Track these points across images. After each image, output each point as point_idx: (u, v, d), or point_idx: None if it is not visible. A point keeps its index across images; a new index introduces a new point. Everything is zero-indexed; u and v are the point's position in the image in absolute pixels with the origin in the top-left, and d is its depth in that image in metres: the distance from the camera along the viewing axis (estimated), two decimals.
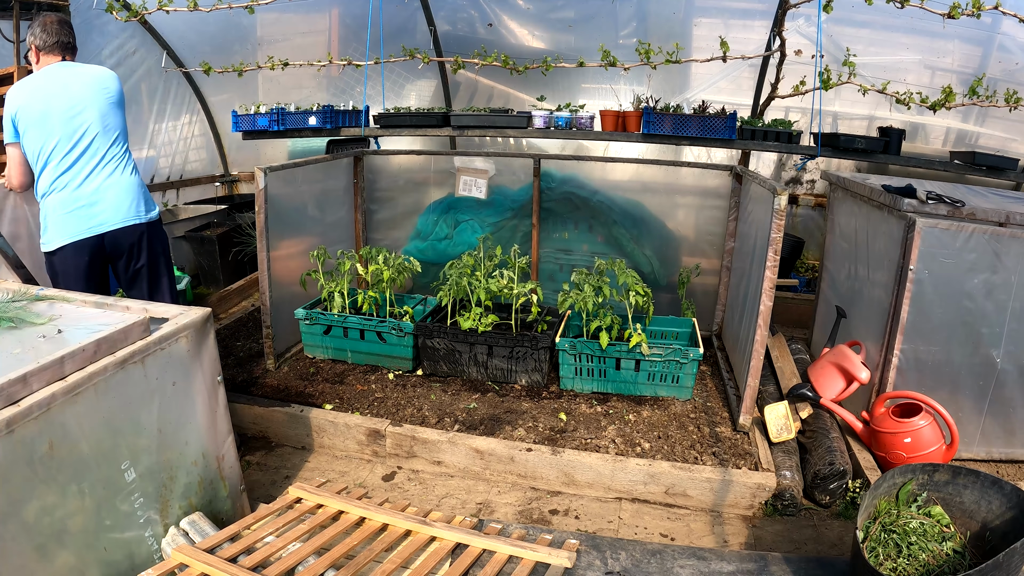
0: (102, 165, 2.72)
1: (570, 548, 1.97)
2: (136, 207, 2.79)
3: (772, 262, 2.63)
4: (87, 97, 2.69)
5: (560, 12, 4.71)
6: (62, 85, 2.67)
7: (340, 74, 5.54)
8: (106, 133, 2.72)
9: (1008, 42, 4.02)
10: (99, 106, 2.70)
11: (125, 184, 2.77)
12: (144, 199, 2.85)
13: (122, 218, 2.75)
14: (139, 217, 2.80)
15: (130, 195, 2.78)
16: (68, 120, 2.64)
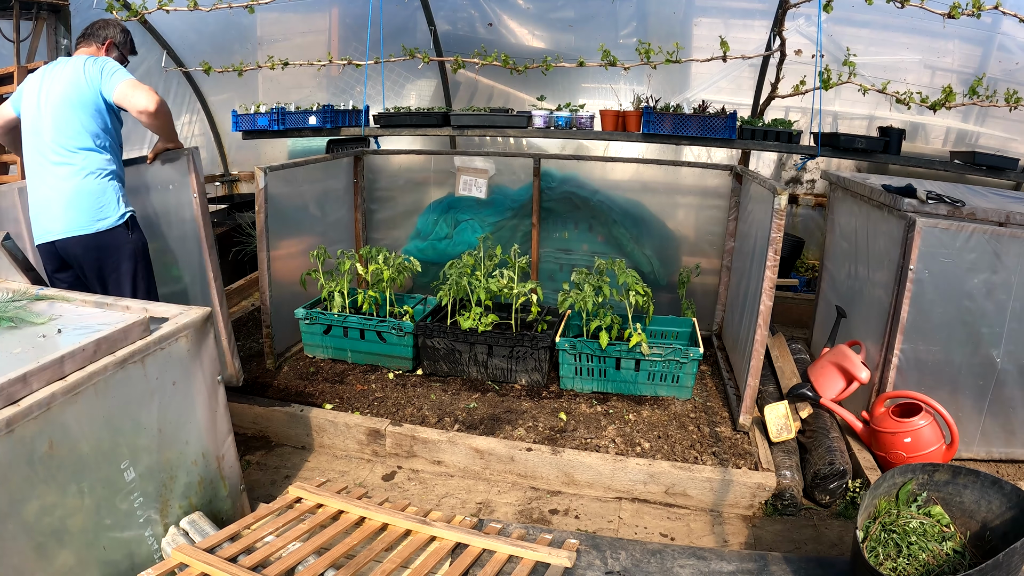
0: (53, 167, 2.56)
1: (570, 548, 1.97)
2: (84, 216, 2.55)
3: (772, 262, 2.63)
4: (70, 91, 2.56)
5: (560, 12, 4.71)
6: (60, 75, 2.58)
7: (340, 74, 5.53)
8: (58, 133, 2.54)
9: (1008, 42, 4.01)
10: (57, 103, 2.55)
11: (73, 190, 2.55)
12: (99, 206, 2.58)
13: (66, 228, 2.56)
14: (86, 227, 2.56)
15: (76, 203, 2.55)
16: (48, 112, 2.55)
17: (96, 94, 2.56)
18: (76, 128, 2.55)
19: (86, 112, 2.56)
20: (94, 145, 2.59)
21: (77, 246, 2.58)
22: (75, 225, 2.55)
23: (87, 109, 2.56)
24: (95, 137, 2.59)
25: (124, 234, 2.64)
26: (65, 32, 4.37)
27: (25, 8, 4.16)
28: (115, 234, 2.61)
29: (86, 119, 2.57)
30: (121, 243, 2.63)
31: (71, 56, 2.68)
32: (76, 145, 2.56)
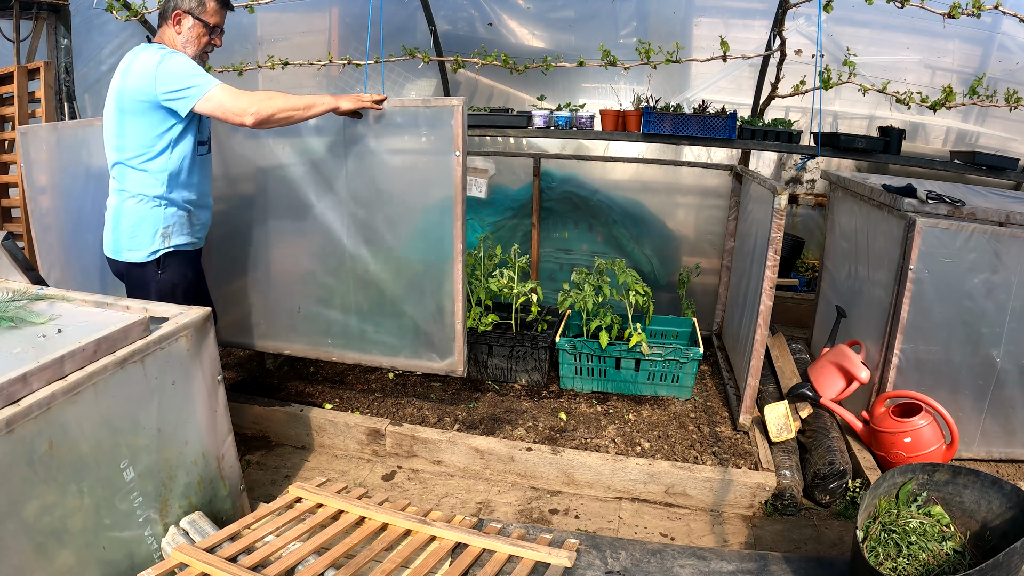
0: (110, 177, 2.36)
1: (570, 548, 1.97)
2: (118, 240, 2.34)
3: (772, 261, 2.63)
4: (115, 93, 2.25)
5: (560, 11, 4.71)
6: (118, 71, 2.27)
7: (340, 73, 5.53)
8: (107, 140, 2.32)
9: (1008, 42, 4.01)
10: (116, 108, 2.25)
11: (114, 209, 2.35)
12: (131, 235, 2.31)
13: (106, 244, 2.40)
14: (118, 253, 2.36)
15: (114, 223, 2.35)
16: (104, 116, 2.32)
17: (144, 102, 2.19)
18: (119, 140, 2.26)
19: (131, 120, 2.22)
20: (133, 163, 2.25)
21: (113, 266, 2.43)
22: (111, 246, 2.37)
23: (133, 116, 2.21)
24: (137, 153, 2.23)
25: (152, 272, 2.34)
26: (65, 32, 4.37)
27: (25, 8, 4.16)
28: (143, 270, 2.34)
29: (128, 129, 2.23)
30: (148, 280, 2.35)
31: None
32: (122, 157, 2.27)
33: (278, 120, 2.25)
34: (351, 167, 2.63)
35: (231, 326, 3.05)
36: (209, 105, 2.17)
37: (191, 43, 2.31)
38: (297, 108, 2.25)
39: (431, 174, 2.53)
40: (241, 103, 2.16)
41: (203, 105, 2.16)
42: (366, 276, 2.75)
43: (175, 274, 2.38)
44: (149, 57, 2.17)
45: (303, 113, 2.28)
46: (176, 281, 2.39)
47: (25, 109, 3.57)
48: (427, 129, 2.49)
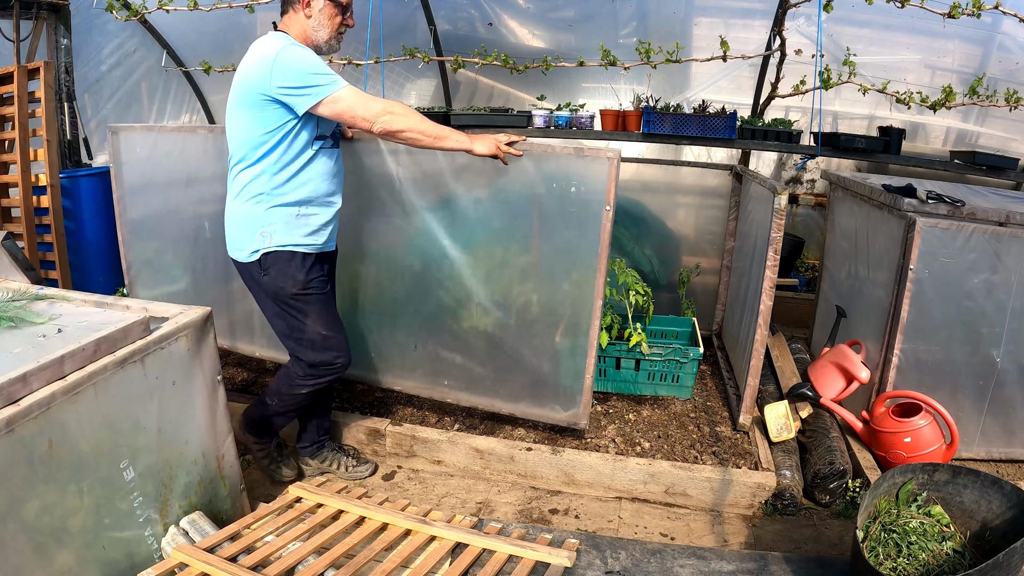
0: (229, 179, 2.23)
1: (570, 547, 1.97)
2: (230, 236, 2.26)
3: (772, 261, 2.63)
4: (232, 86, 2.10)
5: (560, 11, 4.71)
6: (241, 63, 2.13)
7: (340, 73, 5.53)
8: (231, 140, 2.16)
9: (1008, 42, 4.01)
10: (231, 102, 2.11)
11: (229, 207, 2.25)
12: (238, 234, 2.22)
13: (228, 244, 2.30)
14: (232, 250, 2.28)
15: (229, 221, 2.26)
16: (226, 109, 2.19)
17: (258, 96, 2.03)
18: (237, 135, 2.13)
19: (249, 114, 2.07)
20: (252, 159, 2.12)
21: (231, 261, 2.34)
22: (228, 242, 2.29)
23: (250, 110, 2.06)
24: (255, 148, 2.11)
25: (257, 272, 2.23)
26: (65, 32, 4.37)
27: (25, 8, 4.16)
28: (249, 269, 2.25)
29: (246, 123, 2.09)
30: (257, 280, 2.26)
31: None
32: (235, 155, 2.16)
33: (403, 138, 2.14)
34: (486, 208, 2.55)
35: None
36: (337, 107, 2.03)
37: (323, 27, 2.15)
38: (426, 134, 2.14)
39: (575, 225, 2.45)
40: (374, 108, 2.05)
41: (328, 106, 2.02)
42: (492, 321, 2.70)
43: (280, 276, 2.21)
44: (269, 46, 2.02)
45: (431, 142, 2.16)
46: (282, 284, 2.21)
47: (25, 109, 3.57)
48: (577, 179, 2.40)
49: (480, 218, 2.60)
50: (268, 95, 2.01)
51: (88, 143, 4.72)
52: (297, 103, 2.02)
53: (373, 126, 2.07)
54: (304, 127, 2.11)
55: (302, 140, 2.12)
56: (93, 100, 4.97)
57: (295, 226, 2.20)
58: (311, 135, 2.14)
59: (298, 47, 2.03)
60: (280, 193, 2.15)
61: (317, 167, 2.20)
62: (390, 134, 2.12)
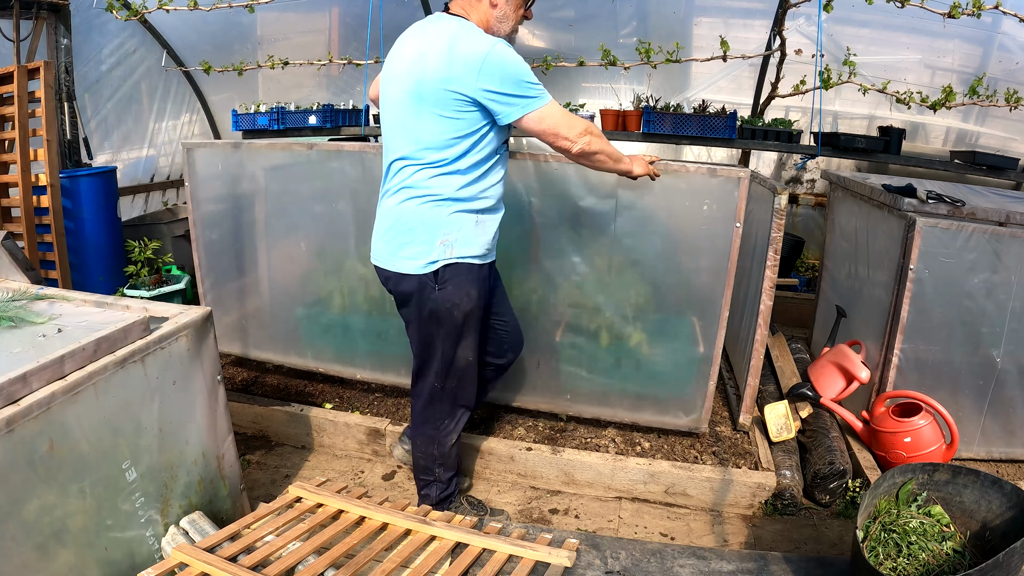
0: (388, 178, 2.02)
1: (570, 547, 1.97)
2: (390, 245, 2.03)
3: (772, 261, 2.63)
4: (412, 76, 1.88)
5: (560, 11, 4.71)
6: (411, 48, 1.93)
7: (340, 73, 5.53)
8: (396, 129, 1.95)
9: (1008, 42, 4.01)
10: (412, 95, 1.88)
11: (391, 211, 2.01)
12: (407, 241, 1.98)
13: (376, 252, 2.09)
14: (388, 260, 2.04)
15: (389, 227, 2.02)
16: (390, 102, 1.97)
17: (456, 96, 1.83)
18: (416, 130, 1.90)
19: (438, 111, 1.86)
20: (433, 159, 1.90)
21: (381, 276, 2.11)
22: (382, 252, 2.05)
23: (441, 108, 1.85)
24: (441, 148, 1.89)
25: (428, 287, 1.99)
26: (65, 32, 4.37)
27: (25, 7, 4.16)
28: (417, 282, 1.99)
29: (434, 120, 1.87)
30: (422, 296, 2.01)
31: (436, 14, 1.99)
32: (407, 152, 1.93)
33: (594, 160, 2.01)
34: (620, 223, 2.57)
35: None
36: (543, 124, 1.86)
37: (508, 19, 1.95)
38: (611, 156, 2.02)
39: (706, 241, 2.51)
40: (577, 128, 1.90)
41: (534, 122, 1.86)
42: (620, 334, 2.73)
43: (457, 291, 1.99)
44: (472, 42, 1.80)
45: (612, 164, 2.05)
46: (457, 300, 2.00)
47: (25, 109, 3.56)
48: (709, 198, 2.46)
49: (613, 233, 2.61)
50: (467, 96, 1.81)
51: (88, 143, 4.72)
52: (502, 111, 1.84)
53: (573, 147, 1.91)
54: (496, 131, 1.94)
55: (492, 144, 1.94)
56: (93, 100, 4.97)
57: (475, 234, 2.00)
58: (500, 139, 1.98)
59: (509, 49, 1.83)
60: (465, 198, 1.95)
61: (498, 172, 2.03)
62: (585, 155, 1.96)
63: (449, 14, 1.94)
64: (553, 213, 2.65)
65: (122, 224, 4.47)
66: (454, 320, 2.03)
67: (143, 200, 5.64)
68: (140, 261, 4.12)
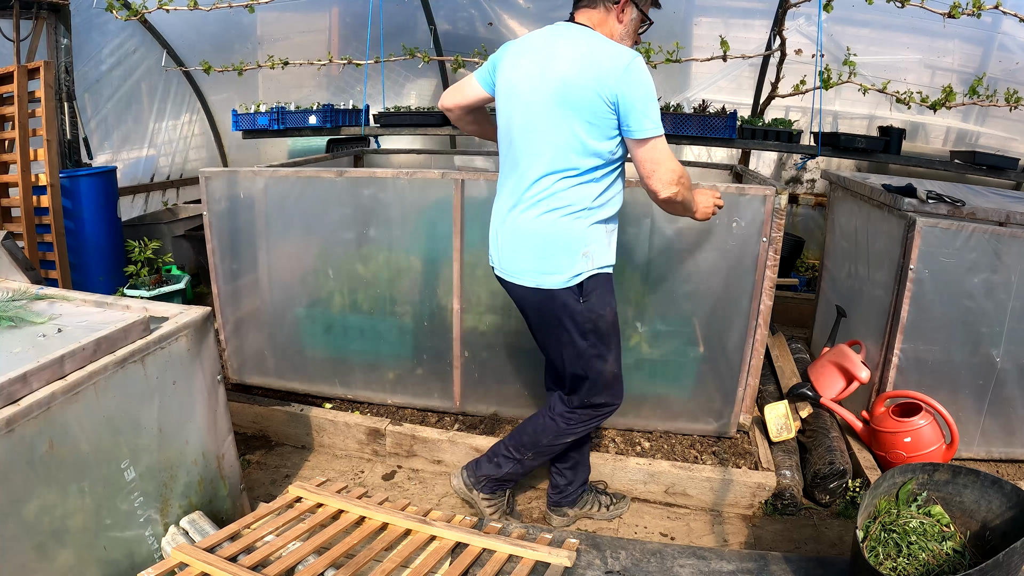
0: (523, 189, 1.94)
1: (570, 547, 1.97)
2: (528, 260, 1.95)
3: (772, 261, 2.63)
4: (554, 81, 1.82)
5: (560, 11, 4.70)
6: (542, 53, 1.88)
7: (340, 73, 5.54)
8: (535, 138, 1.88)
9: (1008, 41, 4.02)
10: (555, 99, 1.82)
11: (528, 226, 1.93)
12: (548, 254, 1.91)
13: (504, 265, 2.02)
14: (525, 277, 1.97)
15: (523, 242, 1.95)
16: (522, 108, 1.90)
17: (600, 103, 1.78)
18: (557, 140, 1.84)
19: (581, 120, 1.81)
20: (575, 170, 1.85)
21: (516, 293, 2.05)
22: (518, 268, 1.97)
23: (583, 116, 1.80)
24: (583, 157, 1.84)
25: (573, 300, 1.94)
26: (65, 32, 4.38)
27: (25, 7, 4.16)
28: (560, 296, 1.94)
29: (577, 129, 1.82)
30: (568, 309, 1.96)
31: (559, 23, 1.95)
32: (548, 163, 1.86)
33: (671, 209, 1.96)
34: (656, 241, 2.64)
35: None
36: (654, 152, 1.81)
37: (628, 37, 1.96)
38: (687, 207, 1.97)
39: (735, 256, 2.58)
40: (677, 169, 1.85)
41: (648, 148, 1.80)
42: (653, 349, 2.80)
43: (600, 302, 1.98)
44: (614, 48, 1.80)
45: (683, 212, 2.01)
46: (601, 311, 1.98)
47: (25, 109, 3.57)
48: (738, 216, 2.52)
49: (648, 251, 2.66)
50: (609, 100, 1.78)
51: (88, 143, 4.72)
52: (631, 123, 1.80)
53: (663, 192, 1.85)
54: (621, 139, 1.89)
55: (620, 151, 1.91)
56: (93, 100, 4.97)
57: (607, 243, 1.98)
58: (624, 148, 1.93)
59: (643, 63, 1.80)
60: (600, 207, 1.91)
61: (621, 181, 2.00)
62: (668, 202, 1.91)
63: (576, 24, 1.93)
64: None
65: (122, 224, 4.48)
66: (597, 331, 2.00)
67: (143, 200, 5.64)
68: (140, 261, 4.12)
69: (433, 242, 2.84)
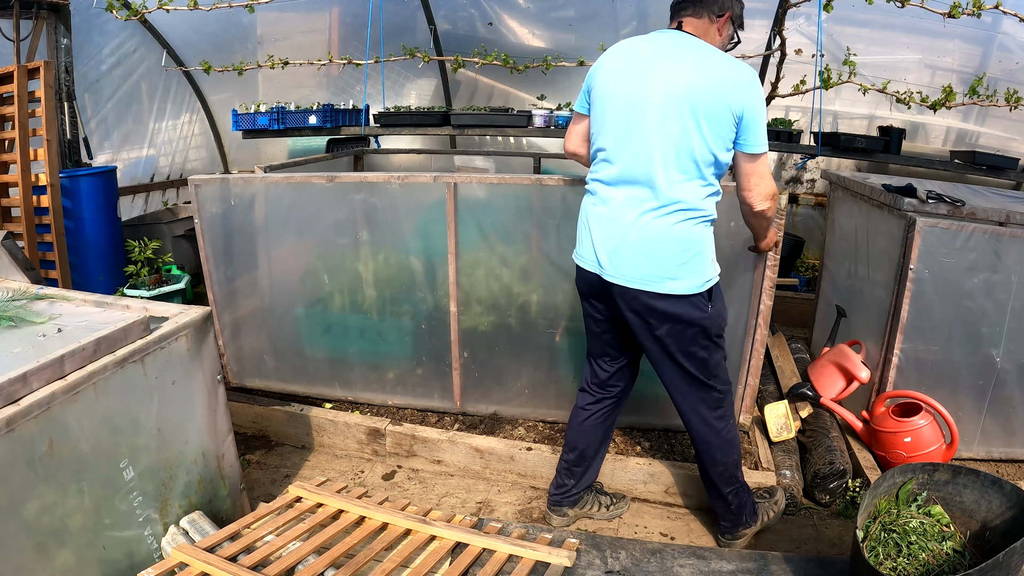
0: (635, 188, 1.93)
1: (570, 547, 1.97)
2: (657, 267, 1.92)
3: (772, 261, 2.63)
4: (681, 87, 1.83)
5: (560, 11, 4.72)
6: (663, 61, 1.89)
7: (340, 73, 5.54)
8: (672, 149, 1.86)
9: (1008, 41, 4.01)
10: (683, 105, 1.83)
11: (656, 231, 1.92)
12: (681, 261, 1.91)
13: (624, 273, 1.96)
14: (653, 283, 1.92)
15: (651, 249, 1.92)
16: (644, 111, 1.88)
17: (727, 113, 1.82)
18: (689, 145, 1.84)
19: (709, 128, 1.82)
20: (703, 176, 1.88)
21: (634, 300, 1.96)
22: (638, 273, 1.92)
23: (711, 124, 1.82)
24: (708, 166, 1.87)
25: (702, 305, 1.96)
26: (65, 31, 4.38)
27: (25, 7, 4.16)
28: (691, 303, 1.93)
29: (706, 137, 1.83)
30: (694, 316, 1.95)
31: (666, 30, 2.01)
32: (680, 168, 1.86)
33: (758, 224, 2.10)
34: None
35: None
36: (758, 167, 1.90)
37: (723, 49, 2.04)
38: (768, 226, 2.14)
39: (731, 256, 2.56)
40: (773, 189, 1.95)
41: (754, 161, 1.89)
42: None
43: (722, 306, 2.03)
44: (734, 62, 1.87)
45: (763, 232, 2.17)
46: (724, 315, 2.04)
47: (25, 109, 3.57)
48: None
49: None
50: (734, 110, 1.82)
51: (88, 143, 4.72)
52: (746, 137, 1.87)
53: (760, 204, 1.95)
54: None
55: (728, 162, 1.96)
56: (93, 100, 4.97)
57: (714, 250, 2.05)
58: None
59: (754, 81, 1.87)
60: (713, 215, 1.99)
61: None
62: (761, 216, 2.01)
63: (684, 32, 1.97)
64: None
65: (122, 224, 4.48)
66: (719, 335, 2.05)
67: (143, 200, 5.64)
68: (140, 261, 4.12)
69: (428, 244, 2.84)
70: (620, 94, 1.93)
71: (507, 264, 2.81)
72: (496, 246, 2.79)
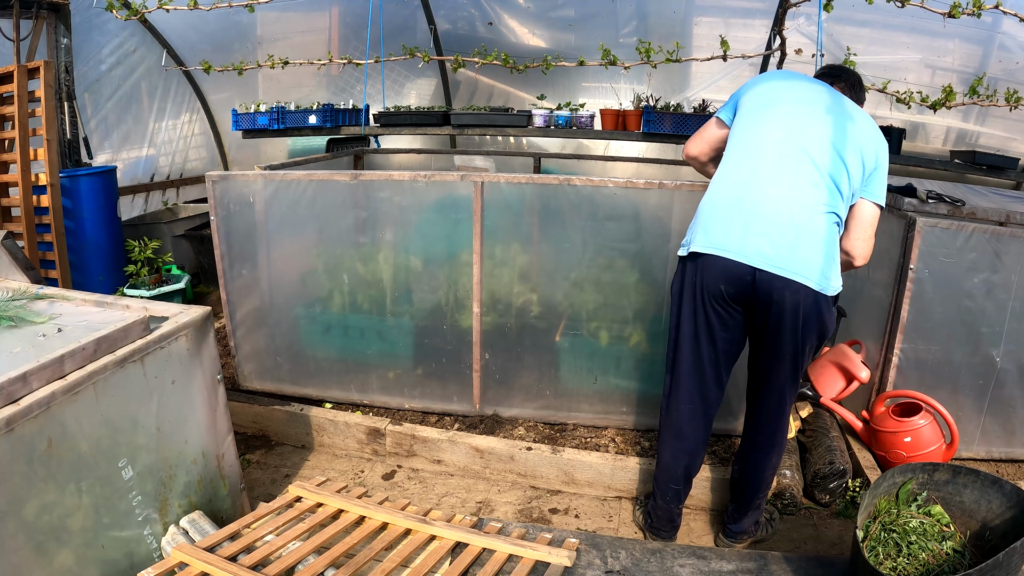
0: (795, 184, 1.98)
1: (570, 547, 1.97)
2: (817, 265, 1.94)
3: None
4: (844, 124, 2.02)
5: (560, 11, 4.72)
6: (826, 96, 2.11)
7: (340, 73, 5.54)
8: (828, 151, 1.98)
9: (1008, 41, 4.01)
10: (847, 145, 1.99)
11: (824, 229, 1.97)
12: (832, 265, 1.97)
13: (790, 264, 1.92)
14: (811, 278, 1.92)
15: (818, 245, 1.95)
16: (806, 111, 2.06)
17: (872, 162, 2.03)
18: (844, 169, 1.99)
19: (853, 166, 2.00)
20: (843, 199, 2.00)
21: (787, 292, 1.92)
22: (800, 266, 1.91)
23: (860, 164, 2.01)
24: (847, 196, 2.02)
25: (829, 307, 2.00)
26: (65, 31, 4.37)
27: (25, 7, 4.16)
28: (827, 303, 1.97)
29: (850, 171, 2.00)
30: (821, 315, 1.97)
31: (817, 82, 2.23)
32: (837, 183, 1.97)
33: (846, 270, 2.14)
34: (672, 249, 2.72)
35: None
36: (873, 219, 2.06)
37: None
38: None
39: None
40: (872, 241, 2.10)
41: (872, 213, 2.06)
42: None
43: (834, 313, 2.09)
44: (876, 125, 2.11)
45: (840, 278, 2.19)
46: (834, 321, 2.12)
47: (25, 108, 3.56)
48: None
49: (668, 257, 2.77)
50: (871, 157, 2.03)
51: (88, 142, 4.72)
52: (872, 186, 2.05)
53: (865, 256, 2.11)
54: None
55: None
56: (93, 99, 4.97)
57: None
58: None
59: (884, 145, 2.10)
60: None
61: None
62: (857, 267, 2.15)
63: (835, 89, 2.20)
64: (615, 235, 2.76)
65: (122, 224, 4.48)
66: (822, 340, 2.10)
67: (143, 200, 5.64)
68: (140, 261, 4.12)
69: (452, 244, 2.84)
70: (781, 104, 2.14)
71: (532, 265, 2.81)
72: (522, 247, 2.79)
